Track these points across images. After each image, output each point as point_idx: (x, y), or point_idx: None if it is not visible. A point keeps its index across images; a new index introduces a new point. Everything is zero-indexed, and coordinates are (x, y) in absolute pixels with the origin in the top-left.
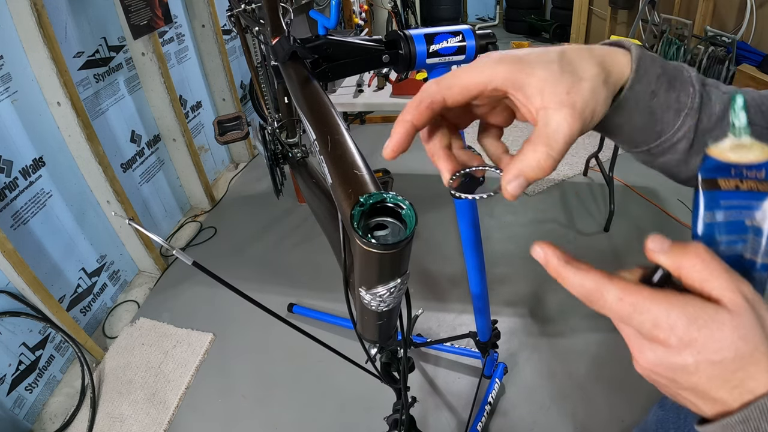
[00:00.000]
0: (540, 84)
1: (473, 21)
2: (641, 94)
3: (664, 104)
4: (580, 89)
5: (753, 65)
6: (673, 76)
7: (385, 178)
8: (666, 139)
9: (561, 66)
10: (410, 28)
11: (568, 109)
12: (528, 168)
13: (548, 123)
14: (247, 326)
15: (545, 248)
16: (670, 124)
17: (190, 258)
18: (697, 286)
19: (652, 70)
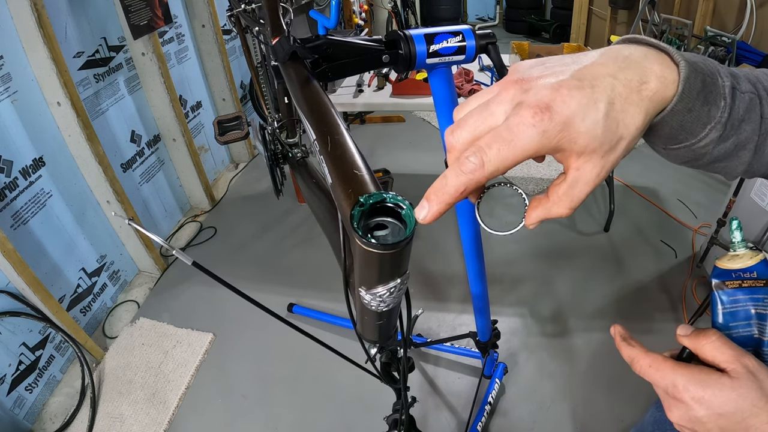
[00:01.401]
0: (580, 150)
1: (473, 21)
2: (678, 112)
3: (696, 118)
4: (615, 151)
5: (753, 65)
6: (710, 90)
7: (385, 178)
8: (686, 145)
9: (606, 124)
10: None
11: (597, 172)
12: (549, 215)
13: (578, 182)
14: (247, 326)
15: (616, 328)
16: (695, 135)
17: (190, 258)
18: (709, 359)
19: (694, 87)
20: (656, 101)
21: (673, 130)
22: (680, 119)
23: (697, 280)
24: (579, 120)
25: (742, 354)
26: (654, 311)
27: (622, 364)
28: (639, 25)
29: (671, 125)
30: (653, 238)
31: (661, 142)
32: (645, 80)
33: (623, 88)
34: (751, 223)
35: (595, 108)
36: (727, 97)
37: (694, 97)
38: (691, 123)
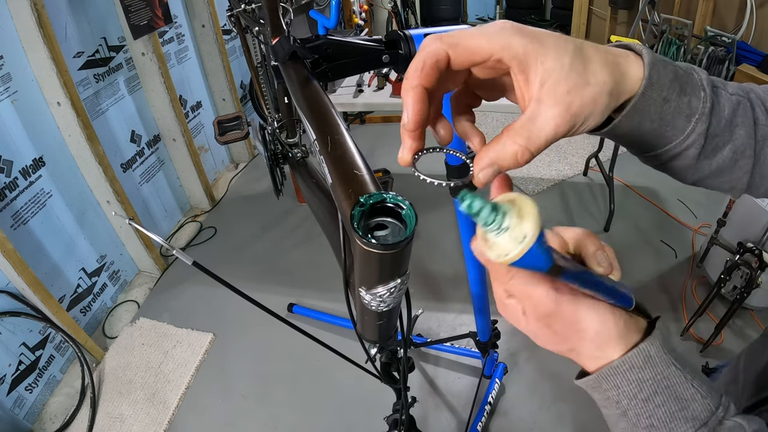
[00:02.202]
0: (544, 74)
1: (473, 21)
2: (653, 101)
3: (676, 110)
4: (582, 93)
5: (753, 65)
6: (685, 81)
7: (385, 178)
8: (676, 145)
9: (572, 62)
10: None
11: (560, 109)
12: (503, 158)
13: (536, 118)
14: (247, 326)
15: None
16: (681, 129)
17: (190, 258)
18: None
19: (664, 76)
20: (620, 82)
21: (655, 124)
22: (659, 110)
23: (697, 280)
24: (550, 42)
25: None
26: (654, 311)
27: None
28: (639, 25)
29: (652, 117)
30: (653, 238)
31: (654, 142)
32: (613, 54)
33: (592, 49)
34: (751, 223)
35: (565, 44)
36: (706, 88)
37: (668, 86)
38: (672, 115)
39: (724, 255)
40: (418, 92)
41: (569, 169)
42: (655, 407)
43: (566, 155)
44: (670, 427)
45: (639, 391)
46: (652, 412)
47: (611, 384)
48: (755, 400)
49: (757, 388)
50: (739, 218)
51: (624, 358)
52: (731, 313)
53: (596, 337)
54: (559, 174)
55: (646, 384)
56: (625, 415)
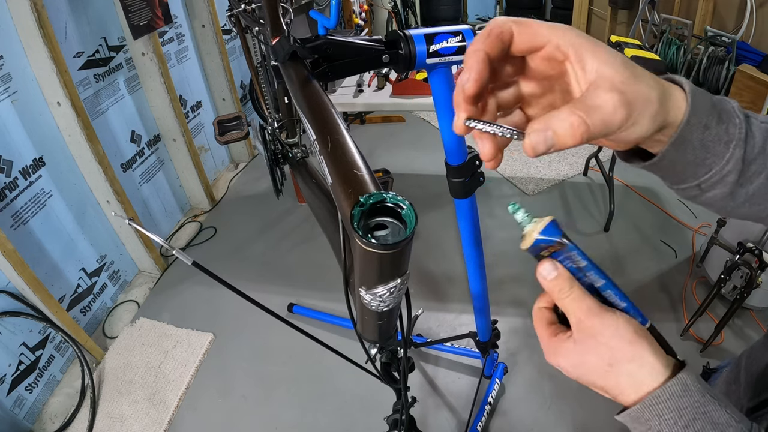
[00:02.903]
0: (600, 65)
1: (473, 21)
2: (695, 128)
3: (715, 136)
4: (635, 87)
5: (753, 65)
6: (721, 108)
7: (385, 178)
8: (716, 172)
9: (624, 61)
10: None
11: (617, 95)
12: (560, 126)
13: (595, 97)
14: (247, 326)
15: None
16: (720, 156)
17: (190, 258)
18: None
19: (704, 103)
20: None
21: (697, 152)
22: (700, 137)
23: (697, 280)
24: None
25: (587, 315)
26: (654, 311)
27: None
28: (639, 25)
29: (693, 144)
30: (653, 238)
31: (695, 170)
32: (656, 77)
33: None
34: (751, 224)
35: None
36: (740, 114)
37: (707, 113)
38: (712, 142)
39: (724, 255)
40: (481, 56)
41: (569, 169)
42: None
43: (566, 155)
44: None
45: (679, 418)
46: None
47: (653, 413)
48: (756, 402)
49: (757, 390)
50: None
51: (664, 387)
52: (731, 313)
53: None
54: (559, 174)
55: (686, 411)
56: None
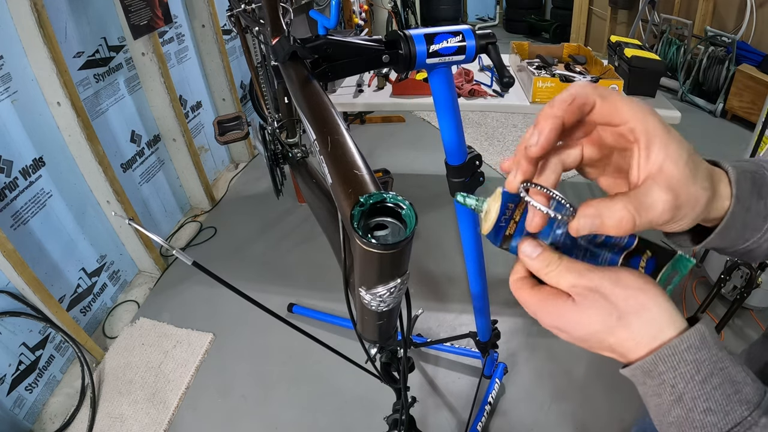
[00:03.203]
0: (665, 160)
1: (473, 21)
2: (738, 214)
3: (755, 213)
4: (689, 190)
5: (753, 65)
6: (760, 185)
7: (385, 178)
8: (753, 242)
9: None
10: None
11: (671, 196)
12: (610, 218)
13: (649, 194)
14: (247, 326)
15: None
16: (758, 229)
17: (190, 258)
18: (555, 286)
19: (745, 188)
20: (715, 189)
21: (738, 231)
22: (742, 219)
23: (697, 280)
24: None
25: (581, 273)
26: None
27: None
28: (639, 25)
29: (736, 227)
30: (653, 238)
31: (733, 242)
32: (712, 169)
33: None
34: None
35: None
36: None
37: (748, 196)
38: (752, 220)
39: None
40: (557, 123)
41: (569, 171)
42: (712, 389)
43: None
44: (727, 410)
45: (696, 372)
46: (709, 395)
47: (668, 365)
48: None
49: None
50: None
51: (682, 336)
52: (731, 313)
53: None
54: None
55: (704, 365)
56: (681, 400)
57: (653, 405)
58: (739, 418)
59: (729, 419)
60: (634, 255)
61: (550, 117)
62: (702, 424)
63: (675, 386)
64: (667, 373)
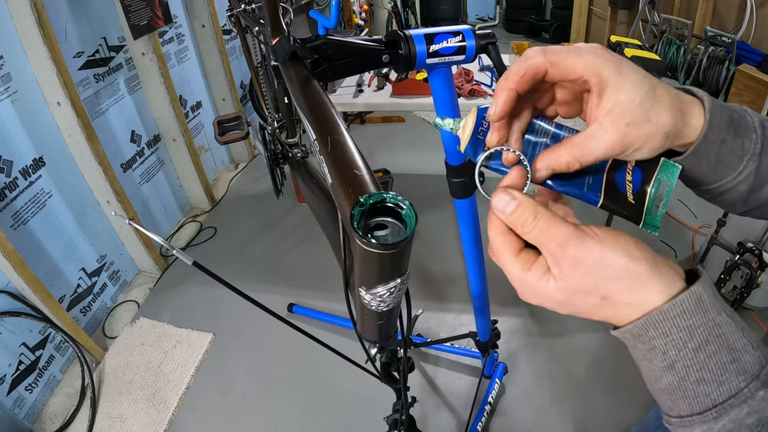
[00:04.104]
0: (615, 105)
1: (473, 21)
2: (712, 143)
3: (730, 150)
4: (641, 128)
5: (753, 65)
6: (739, 123)
7: (385, 178)
8: (727, 182)
9: (643, 100)
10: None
11: (616, 136)
12: (558, 165)
13: (593, 137)
14: (247, 326)
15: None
16: (733, 168)
17: (190, 258)
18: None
19: (722, 119)
20: (681, 130)
21: (712, 164)
22: (716, 151)
23: None
24: (630, 75)
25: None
26: None
27: (622, 364)
28: (639, 25)
29: (709, 157)
30: (653, 238)
31: (707, 178)
32: (681, 100)
33: (665, 91)
34: (751, 224)
35: (642, 80)
36: (757, 129)
37: (725, 129)
38: (726, 155)
39: (724, 255)
40: (511, 95)
41: None
42: (707, 358)
43: None
44: (722, 380)
45: (689, 339)
46: (702, 364)
47: (659, 331)
48: None
49: None
50: (739, 218)
51: (674, 301)
52: None
53: (626, 274)
54: None
55: (698, 331)
56: (672, 367)
57: (645, 369)
58: (735, 390)
59: (723, 390)
60: (618, 168)
61: (504, 89)
62: (695, 394)
63: (666, 353)
64: (658, 339)
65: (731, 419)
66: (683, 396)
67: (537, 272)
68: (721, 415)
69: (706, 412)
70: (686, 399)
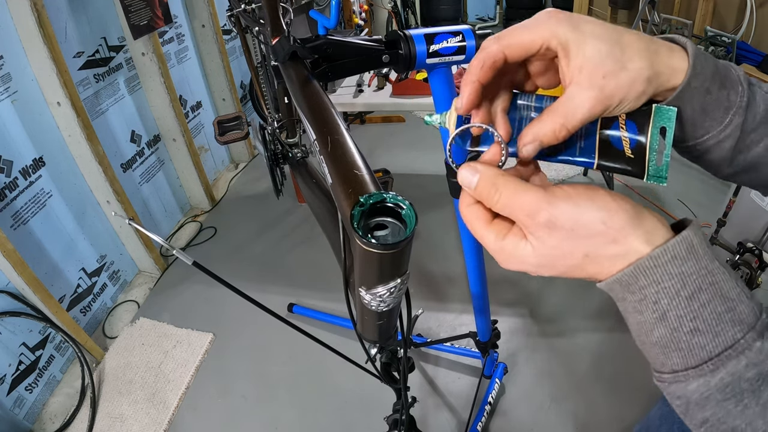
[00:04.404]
0: (583, 60)
1: (473, 21)
2: (696, 91)
3: (716, 101)
4: (618, 77)
5: (753, 65)
6: (725, 75)
7: (385, 178)
8: (713, 135)
9: (611, 49)
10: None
11: (595, 92)
12: (544, 134)
13: (573, 98)
14: (247, 326)
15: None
16: (719, 121)
17: (190, 258)
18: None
19: (707, 68)
20: (659, 72)
21: (697, 114)
22: (701, 100)
23: None
24: (589, 29)
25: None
26: None
27: (622, 364)
28: (639, 25)
29: (693, 106)
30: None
31: (692, 131)
32: (655, 45)
33: (634, 37)
34: (751, 223)
35: (605, 32)
36: (743, 83)
37: (709, 78)
38: (712, 107)
39: (723, 255)
40: (475, 87)
41: (569, 168)
42: (700, 306)
43: None
44: (716, 330)
45: (682, 287)
46: (696, 313)
47: (650, 279)
48: None
49: None
50: (739, 218)
51: (665, 246)
52: None
53: (605, 227)
54: (559, 174)
55: (690, 279)
56: (664, 318)
57: (634, 323)
58: (731, 341)
59: (719, 341)
60: (610, 125)
61: (467, 84)
62: (689, 346)
63: (658, 302)
64: (649, 288)
65: (729, 372)
66: (676, 348)
67: (513, 239)
68: (717, 367)
69: (702, 365)
70: (680, 352)
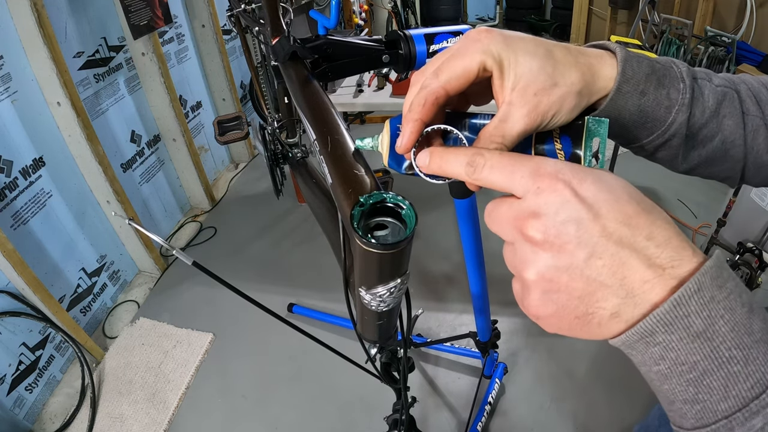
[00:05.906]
0: (515, 79)
1: (473, 21)
2: (630, 95)
3: (655, 102)
4: (550, 93)
5: (753, 65)
6: (663, 74)
7: (385, 178)
8: (658, 135)
9: (542, 65)
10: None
11: (528, 109)
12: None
13: (507, 118)
14: (247, 326)
15: None
16: (662, 121)
17: (190, 258)
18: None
19: (639, 71)
20: (592, 82)
21: (635, 117)
22: (636, 103)
23: None
24: (521, 46)
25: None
26: None
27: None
28: (639, 25)
29: (630, 110)
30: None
31: (636, 133)
32: (585, 57)
33: (564, 52)
34: (751, 223)
35: (535, 48)
36: (686, 79)
37: (643, 80)
38: (651, 108)
39: (724, 255)
40: (417, 126)
41: None
42: None
43: None
44: None
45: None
46: None
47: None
48: None
49: None
50: (739, 218)
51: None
52: None
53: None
54: None
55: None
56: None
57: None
58: None
59: None
60: (545, 141)
61: (409, 122)
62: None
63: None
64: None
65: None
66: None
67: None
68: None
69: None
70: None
